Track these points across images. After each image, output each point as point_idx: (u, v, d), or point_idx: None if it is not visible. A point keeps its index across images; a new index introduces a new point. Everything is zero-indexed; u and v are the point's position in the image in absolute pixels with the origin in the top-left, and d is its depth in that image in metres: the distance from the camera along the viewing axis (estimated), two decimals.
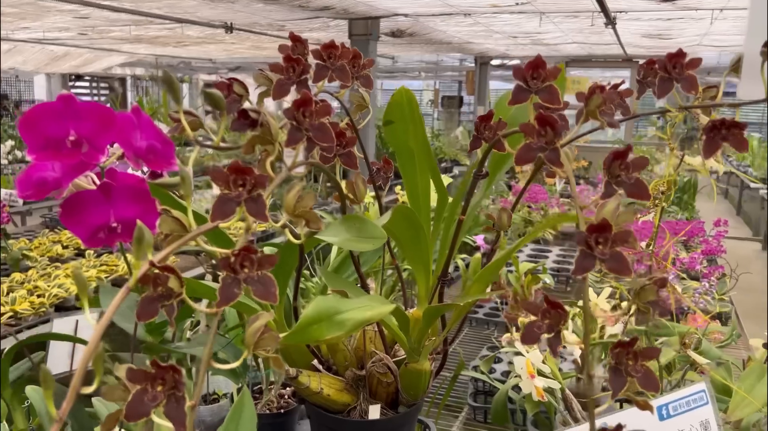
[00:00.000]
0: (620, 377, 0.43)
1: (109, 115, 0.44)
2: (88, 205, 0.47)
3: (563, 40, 5.11)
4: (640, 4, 3.27)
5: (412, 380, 0.77)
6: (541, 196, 3.64)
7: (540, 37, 4.88)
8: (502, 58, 7.37)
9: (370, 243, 0.61)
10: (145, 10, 3.98)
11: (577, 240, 0.44)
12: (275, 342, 0.42)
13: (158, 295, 0.39)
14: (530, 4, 3.37)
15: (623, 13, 3.56)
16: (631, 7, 3.40)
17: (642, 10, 3.47)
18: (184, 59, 9.01)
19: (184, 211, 0.49)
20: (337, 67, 0.61)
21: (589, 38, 4.87)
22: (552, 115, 0.48)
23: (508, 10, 3.56)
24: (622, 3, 3.26)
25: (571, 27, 4.25)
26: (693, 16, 3.68)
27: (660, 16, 3.68)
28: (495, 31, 4.63)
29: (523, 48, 5.87)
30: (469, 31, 4.68)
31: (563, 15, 3.74)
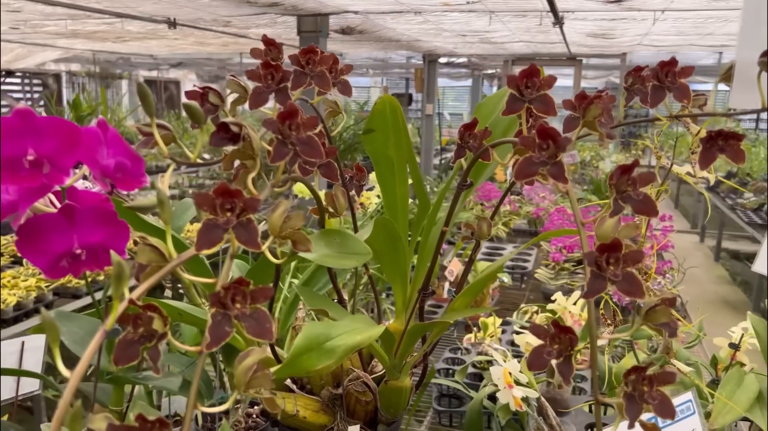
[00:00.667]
0: (635, 404, 0.41)
1: (74, 131, 0.39)
2: (48, 231, 0.42)
3: (510, 39, 5.16)
4: (588, 5, 3.33)
5: (392, 398, 0.74)
6: (494, 194, 3.67)
7: (488, 36, 4.91)
8: (450, 56, 7.41)
9: (353, 260, 0.58)
10: (82, 4, 3.79)
11: (588, 262, 0.41)
12: (269, 380, 0.38)
13: (139, 337, 0.35)
14: (480, 3, 3.38)
15: (571, 13, 3.62)
16: (579, 8, 3.45)
17: (589, 10, 3.53)
18: (124, 55, 8.69)
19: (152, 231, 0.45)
20: (316, 74, 0.57)
21: (536, 37, 4.94)
22: (554, 128, 0.45)
23: (459, 8, 3.56)
24: (570, 3, 3.31)
25: (519, 26, 4.30)
26: (636, 17, 3.78)
27: (605, 17, 3.76)
28: (444, 29, 4.63)
29: (471, 46, 5.91)
30: (419, 29, 4.67)
31: (512, 14, 3.77)
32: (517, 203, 4.16)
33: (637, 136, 8.03)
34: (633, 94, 0.59)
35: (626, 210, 0.52)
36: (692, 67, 0.54)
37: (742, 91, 0.54)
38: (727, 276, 5.11)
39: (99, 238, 0.44)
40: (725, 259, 5.57)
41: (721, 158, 0.53)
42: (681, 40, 5.03)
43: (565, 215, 3.39)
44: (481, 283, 0.64)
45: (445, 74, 9.69)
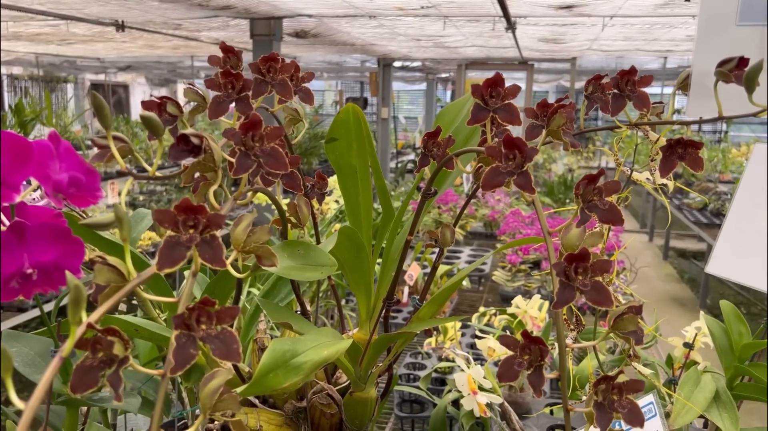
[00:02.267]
0: (605, 413, 0.41)
1: (24, 146, 0.37)
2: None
3: (464, 43, 5.22)
4: (540, 10, 3.39)
5: (358, 409, 0.73)
6: (451, 198, 3.70)
7: (442, 40, 4.96)
8: (405, 60, 7.45)
9: (317, 272, 0.57)
10: (24, 6, 3.66)
11: (556, 271, 0.42)
12: (236, 404, 0.37)
13: (99, 362, 0.33)
14: (435, 8, 3.40)
15: (523, 18, 3.68)
16: (531, 13, 3.52)
17: (541, 15, 3.60)
18: (69, 58, 8.42)
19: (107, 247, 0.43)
20: (277, 82, 0.55)
21: (489, 42, 5.01)
22: (520, 138, 0.45)
23: (413, 13, 3.58)
24: (522, 8, 3.37)
25: (473, 31, 4.35)
26: (585, 23, 3.87)
27: (556, 22, 3.84)
28: (399, 33, 4.65)
29: (425, 50, 5.95)
30: (373, 33, 4.68)
31: (466, 19, 3.82)
32: (473, 206, 4.21)
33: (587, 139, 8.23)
34: (593, 102, 0.59)
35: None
36: (651, 77, 0.55)
37: (699, 100, 0.55)
38: (675, 274, 5.28)
39: (52, 257, 0.41)
40: (673, 257, 5.76)
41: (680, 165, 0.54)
42: (628, 45, 5.18)
43: (520, 217, 3.44)
44: (447, 292, 0.64)
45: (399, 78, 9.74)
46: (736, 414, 0.72)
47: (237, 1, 3.42)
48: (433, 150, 0.62)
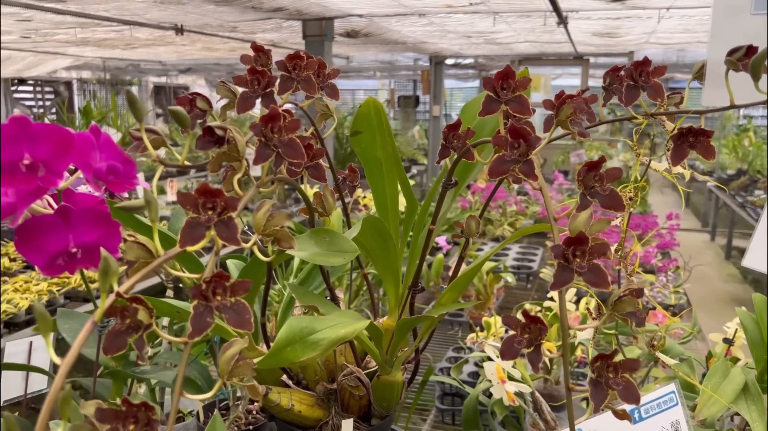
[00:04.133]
0: (601, 390, 0.43)
1: (67, 136, 0.41)
2: (45, 231, 0.45)
3: (516, 39, 5.17)
4: (591, 4, 3.33)
5: (385, 392, 0.76)
6: (499, 194, 3.68)
7: (493, 37, 4.92)
8: (456, 57, 7.42)
9: (341, 257, 0.60)
10: (91, 12, 3.85)
11: (554, 254, 0.43)
12: (251, 370, 0.40)
13: (126, 328, 0.37)
14: (484, 4, 3.39)
15: (574, 13, 3.62)
16: (583, 7, 3.46)
17: (592, 9, 3.53)
18: (133, 62, 8.78)
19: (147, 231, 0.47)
20: (302, 79, 0.59)
21: (541, 37, 4.94)
22: (525, 128, 0.47)
23: (462, 10, 3.57)
24: (573, 2, 3.32)
25: (524, 26, 4.31)
26: (641, 15, 3.77)
27: (609, 15, 3.76)
28: (449, 30, 4.65)
29: (476, 47, 5.92)
30: (423, 31, 4.69)
31: (516, 15, 3.78)
32: (524, 203, 4.17)
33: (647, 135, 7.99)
34: (611, 93, 0.61)
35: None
36: (664, 67, 0.56)
37: (714, 89, 0.55)
38: (738, 274, 5.08)
39: (93, 238, 0.46)
40: (736, 257, 5.54)
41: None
42: (688, 37, 5.01)
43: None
44: (467, 278, 0.66)
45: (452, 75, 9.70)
46: (764, 407, 0.71)
47: (289, 3, 3.50)
48: (454, 142, 0.64)
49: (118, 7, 3.67)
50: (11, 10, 3.70)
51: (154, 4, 3.58)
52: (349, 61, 8.19)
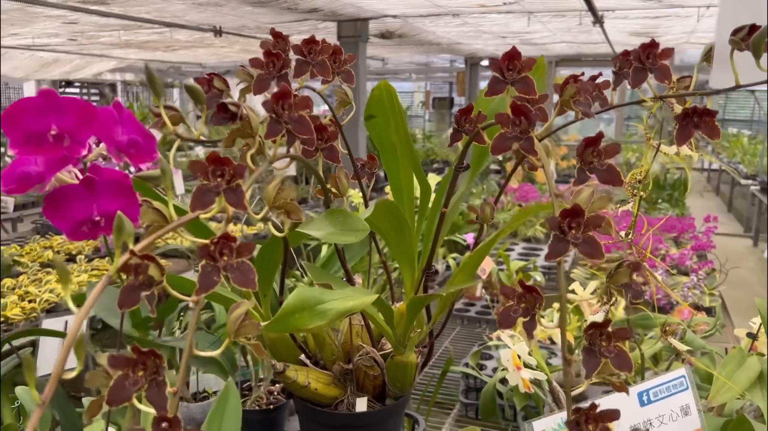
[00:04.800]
0: (594, 358, 0.44)
1: (90, 109, 0.44)
2: (71, 199, 0.48)
3: (552, 40, 5.13)
4: (627, 3, 3.30)
5: (398, 372, 0.78)
6: (532, 195, 3.66)
7: (529, 37, 4.90)
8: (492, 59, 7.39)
9: (353, 236, 0.62)
10: (133, 15, 3.98)
11: (550, 225, 0.45)
12: (256, 329, 0.43)
13: (139, 284, 0.40)
14: (518, 4, 3.38)
15: (611, 12, 3.58)
16: (619, 6, 3.42)
17: (629, 8, 3.49)
18: (174, 64, 8.99)
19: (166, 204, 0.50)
20: (317, 62, 0.61)
21: (578, 37, 4.90)
22: (526, 105, 0.49)
23: (496, 10, 3.57)
24: (609, 1, 3.28)
25: (560, 26, 4.28)
26: (679, 14, 3.71)
27: (647, 14, 3.70)
28: (484, 31, 4.65)
29: None
30: (458, 31, 4.69)
31: (551, 14, 3.76)
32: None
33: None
34: (622, 77, 0.61)
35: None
36: (672, 49, 0.56)
37: (722, 71, 0.56)
38: None
39: (115, 207, 0.49)
40: None
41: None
42: None
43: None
44: (476, 258, 0.68)
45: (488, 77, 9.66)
46: None
47: (324, 4, 3.55)
48: (465, 125, 0.66)
49: (158, 9, 3.78)
50: (59, 13, 3.85)
51: (193, 6, 3.68)
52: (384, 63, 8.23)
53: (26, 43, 5.82)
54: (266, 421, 0.94)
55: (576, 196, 0.51)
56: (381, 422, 0.80)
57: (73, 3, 3.52)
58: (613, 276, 0.47)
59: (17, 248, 3.19)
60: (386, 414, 0.79)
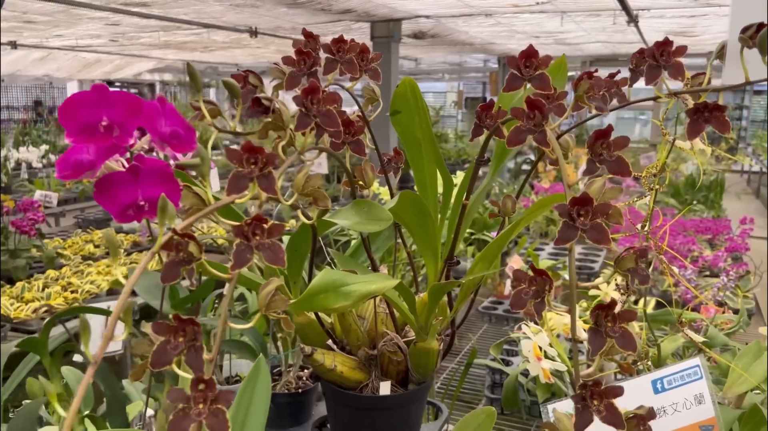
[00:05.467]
0: (600, 337, 0.46)
1: (137, 102, 0.49)
2: (118, 185, 0.52)
3: (586, 39, 5.09)
4: (662, 2, 3.26)
5: (420, 358, 0.81)
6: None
7: (562, 37, 4.87)
8: None
9: (377, 225, 0.66)
10: (172, 16, 4.09)
11: (560, 213, 0.48)
12: (284, 304, 0.47)
13: (180, 260, 0.44)
14: (550, 4, 3.38)
15: (645, 11, 3.55)
16: (653, 5, 3.39)
17: (664, 7, 3.45)
18: (211, 64, 9.17)
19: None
20: (345, 60, 0.65)
21: (613, 37, 4.85)
22: (539, 99, 0.52)
23: (529, 9, 3.57)
24: (644, 0, 3.25)
25: (594, 26, 4.25)
26: (717, 13, 3.65)
27: (683, 13, 3.66)
28: (517, 31, 4.64)
29: (546, 47, 5.86)
30: (491, 31, 4.70)
31: (584, 14, 3.74)
32: None
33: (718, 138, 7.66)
34: (638, 74, 0.64)
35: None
36: (685, 47, 0.58)
37: (734, 68, 0.57)
38: None
39: (158, 193, 0.54)
40: None
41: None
42: None
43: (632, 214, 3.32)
44: (494, 248, 0.70)
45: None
46: None
47: (357, 5, 3.60)
48: (486, 121, 0.69)
49: (196, 10, 3.88)
50: (101, 15, 3.98)
51: (230, 7, 3.77)
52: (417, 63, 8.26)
53: (70, 44, 6.02)
54: (295, 404, 0.98)
55: (589, 187, 0.53)
56: (404, 406, 0.83)
57: (115, 5, 3.64)
58: (619, 262, 0.49)
59: (60, 241, 3.31)
60: (409, 398, 0.83)
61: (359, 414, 0.83)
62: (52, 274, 2.68)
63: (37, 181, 4.92)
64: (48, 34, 5.26)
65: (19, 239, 2.79)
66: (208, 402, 0.41)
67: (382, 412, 0.82)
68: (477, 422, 0.70)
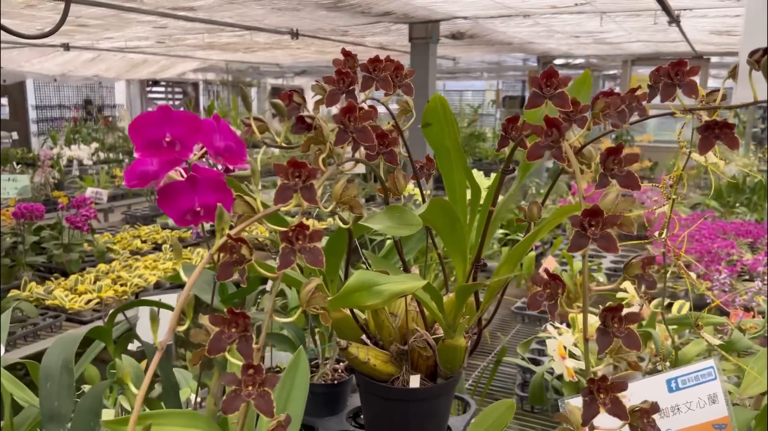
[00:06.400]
0: (607, 337, 0.51)
1: (197, 121, 0.56)
2: (178, 193, 0.59)
3: (627, 39, 5.03)
4: (704, 2, 3.22)
5: (448, 354, 0.86)
6: None
7: (603, 36, 4.83)
8: (566, 58, 7.29)
9: (407, 229, 0.72)
10: (217, 19, 4.21)
11: (572, 223, 0.52)
12: (323, 301, 0.53)
13: (233, 261, 0.50)
14: (590, 5, 3.37)
15: (687, 11, 3.51)
16: (696, 4, 3.34)
17: (707, 6, 3.41)
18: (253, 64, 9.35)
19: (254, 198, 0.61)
20: (380, 78, 0.71)
21: (654, 36, 4.79)
22: (557, 118, 0.56)
23: (568, 10, 3.57)
24: (685, 0, 3.22)
25: (634, 26, 4.21)
26: None
27: (727, 13, 3.60)
28: (556, 31, 4.63)
29: (586, 47, 5.82)
30: (530, 31, 4.69)
31: (625, 14, 3.72)
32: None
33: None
34: (655, 90, 0.68)
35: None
36: (698, 67, 0.62)
37: (745, 88, 0.61)
38: None
39: (213, 200, 0.60)
40: None
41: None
42: None
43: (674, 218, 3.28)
44: (519, 251, 0.75)
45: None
46: None
47: (396, 7, 3.65)
48: (512, 133, 0.74)
49: (240, 13, 3.99)
50: (150, 18, 4.13)
51: (272, 11, 3.86)
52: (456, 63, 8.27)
53: (119, 46, 6.23)
54: (330, 394, 1.05)
55: (602, 199, 0.58)
56: (432, 398, 0.89)
57: (163, 9, 3.78)
58: (627, 268, 0.54)
59: (110, 236, 3.46)
60: (437, 391, 0.88)
61: (390, 404, 0.88)
62: (103, 268, 2.82)
63: (88, 178, 5.13)
64: (99, 37, 5.47)
65: (72, 234, 2.94)
66: (257, 385, 0.47)
67: (412, 404, 0.88)
68: (498, 413, 0.75)
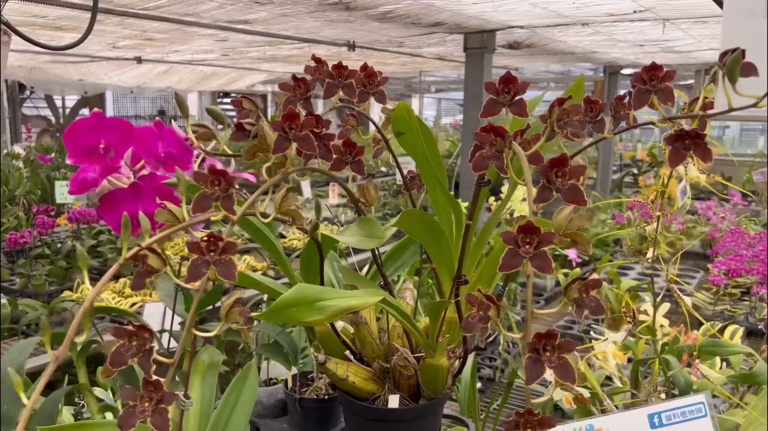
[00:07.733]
0: (539, 366, 0.46)
1: (129, 128, 0.55)
2: (120, 200, 0.59)
3: (697, 47, 4.80)
4: None
5: (430, 374, 0.82)
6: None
7: (669, 45, 4.62)
8: (633, 67, 7.03)
9: (374, 242, 0.69)
10: (274, 32, 4.30)
11: (504, 240, 0.48)
12: (239, 317, 0.50)
13: (145, 271, 0.49)
14: (650, 12, 3.23)
15: None
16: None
17: None
18: None
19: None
20: (345, 84, 0.68)
21: None
22: (502, 127, 0.52)
23: (627, 18, 3.43)
24: None
25: (702, 33, 4.00)
26: None
27: None
28: (618, 39, 4.46)
29: (653, 56, 5.58)
30: (590, 40, 4.55)
31: (690, 21, 3.54)
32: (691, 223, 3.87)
33: None
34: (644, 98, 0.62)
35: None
36: (674, 71, 0.56)
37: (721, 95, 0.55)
38: None
39: (156, 207, 0.59)
40: None
41: None
42: None
43: (741, 237, 3.10)
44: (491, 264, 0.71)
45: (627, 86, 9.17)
46: None
47: (447, 18, 3.62)
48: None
49: (295, 26, 4.06)
50: (209, 32, 4.27)
51: (326, 23, 3.91)
52: (519, 73, 8.13)
53: (187, 59, 6.47)
54: (322, 410, 1.02)
55: (557, 215, 0.53)
56: (413, 420, 0.85)
57: (221, 23, 3.89)
58: (566, 291, 0.49)
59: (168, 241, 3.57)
60: (417, 413, 0.84)
61: (369, 424, 0.85)
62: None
63: None
64: (167, 50, 5.70)
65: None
66: (154, 401, 0.45)
67: (392, 424, 0.84)
68: None
